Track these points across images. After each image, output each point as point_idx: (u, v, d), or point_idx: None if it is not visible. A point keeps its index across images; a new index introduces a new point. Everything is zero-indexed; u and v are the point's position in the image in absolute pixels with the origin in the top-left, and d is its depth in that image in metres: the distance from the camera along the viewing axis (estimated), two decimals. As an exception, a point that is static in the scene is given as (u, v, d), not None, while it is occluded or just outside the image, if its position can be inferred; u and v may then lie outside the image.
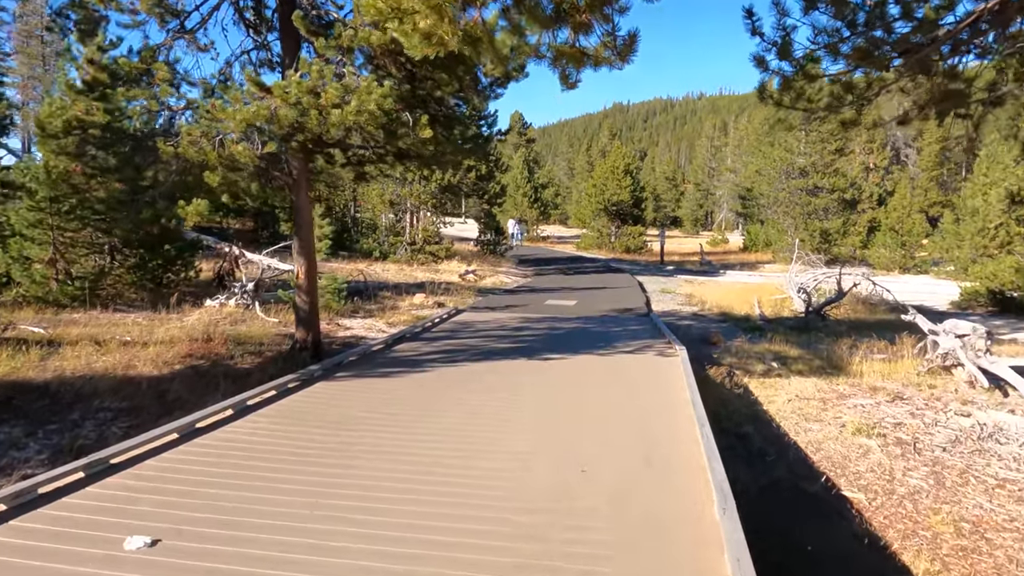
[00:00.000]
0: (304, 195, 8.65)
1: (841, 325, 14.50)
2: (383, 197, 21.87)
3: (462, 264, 22.85)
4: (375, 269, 20.71)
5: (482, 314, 13.53)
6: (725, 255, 37.98)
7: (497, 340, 10.16)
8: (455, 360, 8.50)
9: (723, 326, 13.71)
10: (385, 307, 14.05)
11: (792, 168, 28.61)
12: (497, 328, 11.53)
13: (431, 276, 20.33)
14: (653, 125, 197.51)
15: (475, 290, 17.99)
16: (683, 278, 25.03)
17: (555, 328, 11.69)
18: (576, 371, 8.05)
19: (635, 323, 12.71)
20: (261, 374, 8.29)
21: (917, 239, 26.50)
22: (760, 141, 69.52)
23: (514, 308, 14.66)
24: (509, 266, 26.69)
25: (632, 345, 9.98)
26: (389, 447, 5.04)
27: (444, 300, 15.40)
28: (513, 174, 49.65)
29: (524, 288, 19.55)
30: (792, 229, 28.87)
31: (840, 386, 9.14)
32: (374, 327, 12.16)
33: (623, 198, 36.31)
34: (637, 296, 17.76)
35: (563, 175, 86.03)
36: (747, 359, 10.65)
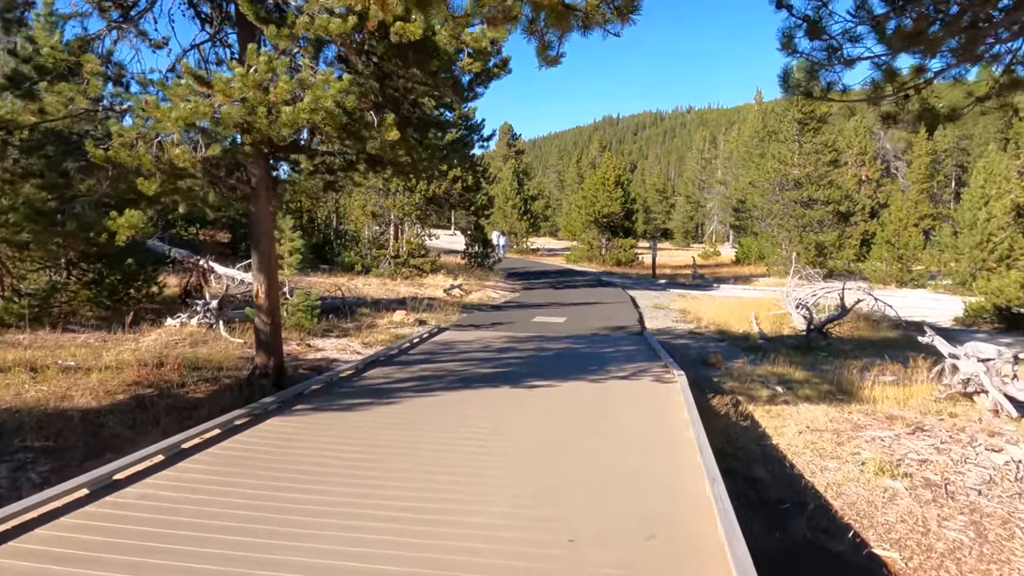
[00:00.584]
0: (264, 205, 7.80)
1: (844, 344, 13.78)
2: (365, 208, 21.04)
3: (448, 278, 22.02)
4: (356, 284, 19.83)
5: (465, 333, 12.70)
6: (718, 268, 37.37)
7: (479, 364, 9.31)
8: (430, 388, 7.65)
9: (721, 345, 12.93)
10: (362, 325, 13.18)
11: (786, 180, 28.05)
12: (480, 349, 10.69)
13: (415, 291, 19.48)
14: (643, 138, 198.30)
15: (460, 306, 17.15)
16: (676, 292, 24.31)
17: (543, 349, 10.87)
18: (564, 402, 7.21)
19: (628, 343, 11.91)
20: (212, 405, 7.40)
21: (914, 252, 25.94)
22: (750, 153, 69.46)
23: (500, 326, 13.83)
24: (497, 280, 25.88)
25: (626, 369, 9.17)
26: (334, 509, 4.18)
27: (426, 317, 14.55)
28: (502, 186, 49.00)
29: (512, 304, 18.74)
30: (786, 242, 28.27)
31: (853, 414, 8.36)
32: (348, 348, 11.29)
33: (614, 210, 35.66)
34: (629, 312, 16.98)
35: (553, 187, 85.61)
36: (750, 383, 9.86)
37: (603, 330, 13.59)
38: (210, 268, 14.16)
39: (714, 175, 79.82)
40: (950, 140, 64.30)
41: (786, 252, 28.24)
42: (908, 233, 26.07)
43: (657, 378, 8.55)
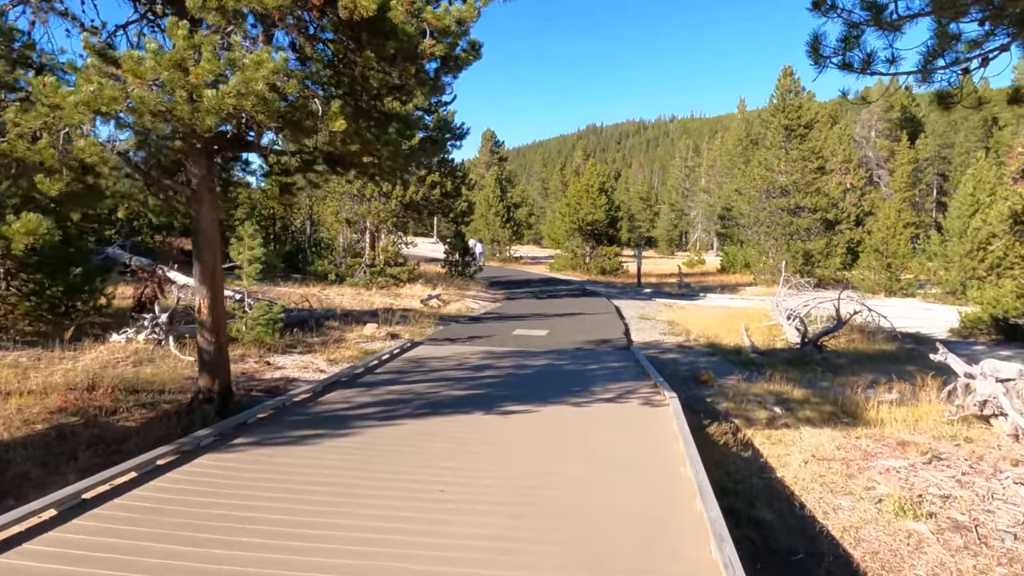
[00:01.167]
0: (207, 210, 6.92)
1: (841, 358, 13.10)
2: (339, 215, 20.13)
3: (426, 288, 21.15)
4: (328, 294, 18.91)
5: (440, 348, 11.85)
6: (703, 277, 36.83)
7: (451, 385, 8.47)
8: (394, 416, 6.79)
9: (713, 360, 12.20)
10: (330, 340, 12.28)
11: (773, 187, 27.56)
12: (455, 367, 9.85)
13: (390, 302, 18.59)
14: (626, 147, 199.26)
15: (437, 318, 16.29)
16: (662, 302, 23.62)
17: (522, 366, 10.05)
18: (543, 433, 6.39)
19: (614, 358, 11.13)
20: (145, 436, 6.49)
21: (903, 261, 25.51)
22: (734, 162, 69.54)
23: (478, 340, 13.00)
24: (478, 289, 25.04)
25: (612, 389, 8.38)
26: (260, 573, 3.33)
27: (399, 330, 13.67)
28: (485, 193, 48.28)
29: (492, 315, 17.91)
30: (773, 250, 27.75)
31: (861, 440, 7.63)
32: (311, 365, 10.39)
33: (598, 217, 35.01)
34: (615, 324, 16.22)
35: (537, 195, 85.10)
36: (746, 404, 9.10)
37: (587, 344, 12.81)
38: (166, 278, 13.20)
39: (698, 183, 79.80)
40: (932, 148, 64.66)
41: (773, 261, 27.71)
42: (897, 241, 25.64)
43: (646, 401, 7.77)
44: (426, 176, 19.94)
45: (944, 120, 66.47)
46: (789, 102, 27.57)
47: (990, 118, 63.51)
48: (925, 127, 69.04)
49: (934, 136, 65.61)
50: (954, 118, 65.57)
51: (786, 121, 27.53)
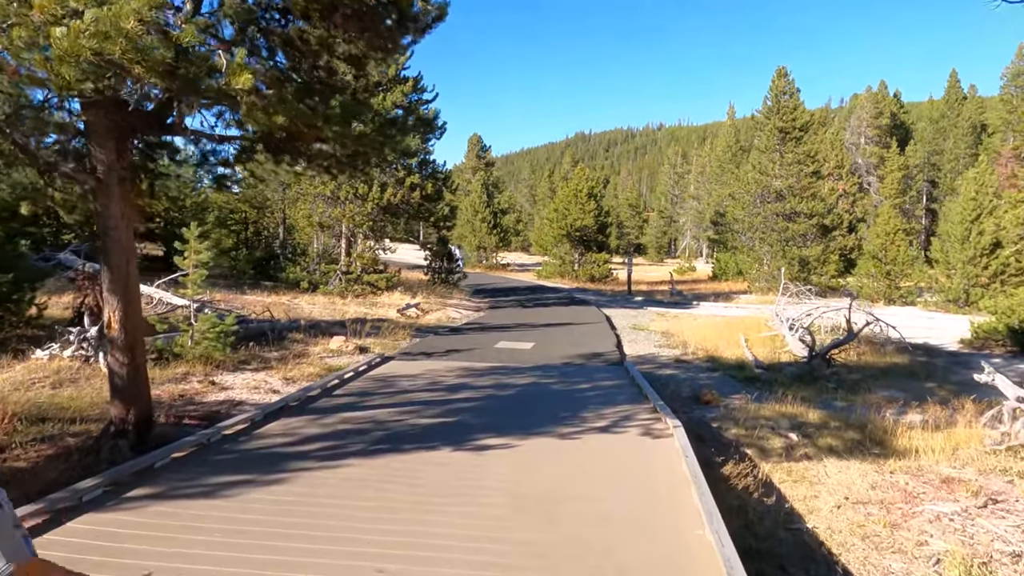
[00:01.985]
0: (117, 204, 5.71)
1: (852, 372, 12.04)
2: (311, 219, 18.88)
3: (405, 296, 19.93)
4: (299, 303, 17.64)
5: (413, 363, 10.65)
6: (695, 284, 35.85)
7: (419, 410, 7.27)
8: (343, 453, 5.60)
9: (714, 376, 11.08)
10: (291, 355, 11.04)
11: (768, 191, 26.62)
12: (426, 387, 8.66)
13: (365, 311, 17.36)
14: (614, 154, 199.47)
15: (414, 329, 15.08)
16: (654, 311, 22.55)
17: (503, 386, 8.87)
18: (524, 475, 5.21)
19: (607, 375, 9.98)
20: (34, 481, 5.25)
21: (902, 268, 24.60)
22: (723, 168, 68.94)
23: (456, 354, 11.80)
24: (461, 297, 23.84)
25: (606, 415, 7.22)
26: None
27: (370, 343, 12.46)
28: (471, 198, 47.18)
29: (474, 325, 16.72)
30: (768, 257, 26.79)
31: (897, 476, 6.51)
32: (264, 385, 9.15)
33: (587, 223, 33.96)
34: (606, 335, 15.08)
35: (525, 202, 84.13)
36: (757, 429, 7.97)
37: (577, 358, 11.65)
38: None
39: (687, 190, 79.20)
40: (921, 155, 64.34)
41: (768, 267, 26.76)
42: (896, 248, 24.75)
43: (646, 430, 6.61)
44: (405, 178, 18.77)
45: (933, 127, 66.28)
46: (784, 104, 26.68)
47: (979, 124, 63.29)
48: (914, 134, 68.80)
49: (923, 143, 65.30)
50: (943, 125, 65.45)
51: (781, 123, 26.62)
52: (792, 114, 26.50)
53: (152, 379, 8.84)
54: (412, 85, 19.03)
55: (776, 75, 27.12)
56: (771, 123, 26.95)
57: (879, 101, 65.93)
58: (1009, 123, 58.91)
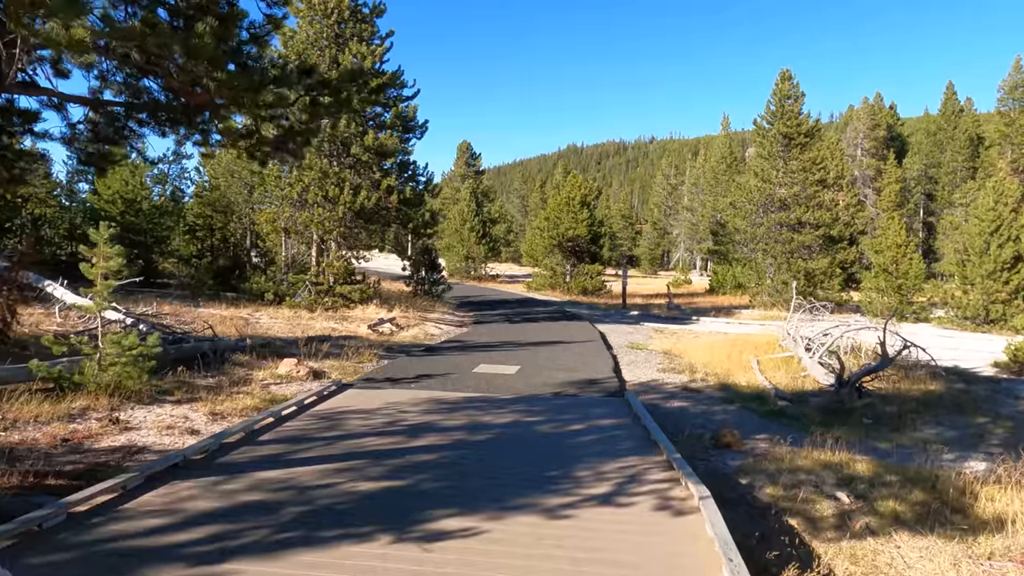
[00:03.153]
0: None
1: (888, 403, 10.40)
2: (276, 224, 17.13)
3: (381, 310, 18.19)
4: (260, 317, 15.86)
5: (373, 394, 8.91)
6: (692, 298, 34.27)
7: (361, 467, 5.55)
8: (230, 551, 3.86)
9: (731, 410, 9.40)
10: (228, 382, 9.28)
11: (771, 200, 25.11)
12: (380, 429, 6.94)
13: (334, 327, 15.60)
14: (606, 167, 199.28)
15: (384, 348, 13.33)
16: (652, 327, 20.91)
17: (478, 427, 7.15)
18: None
19: (605, 411, 8.27)
20: None
21: (914, 282, 23.09)
22: (718, 179, 67.76)
23: (427, 381, 10.07)
24: (444, 311, 22.11)
25: (606, 475, 5.53)
26: None
27: (329, 367, 10.71)
28: (460, 207, 45.57)
29: (454, 344, 14.99)
30: (772, 269, 25.24)
31: (997, 561, 4.85)
32: (183, 423, 7.39)
33: (579, 232, 32.36)
34: (601, 356, 13.39)
35: (517, 212, 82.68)
36: (797, 487, 6.28)
37: (568, 386, 9.94)
38: (25, 291, 10.13)
39: (680, 201, 77.97)
40: (918, 167, 63.35)
41: (772, 280, 25.20)
42: (908, 261, 23.25)
43: (662, 500, 4.92)
44: (381, 180, 17.07)
45: (930, 140, 65.35)
46: (788, 108, 25.26)
47: (976, 137, 62.39)
48: (910, 147, 67.88)
49: (920, 155, 64.32)
50: (940, 138, 64.53)
51: (785, 128, 25.15)
52: (797, 119, 25.06)
53: (36, 417, 7.09)
54: (390, 79, 17.41)
55: (779, 78, 25.70)
56: (774, 128, 25.48)
57: (875, 113, 65.00)
58: (1007, 136, 58.01)
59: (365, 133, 16.85)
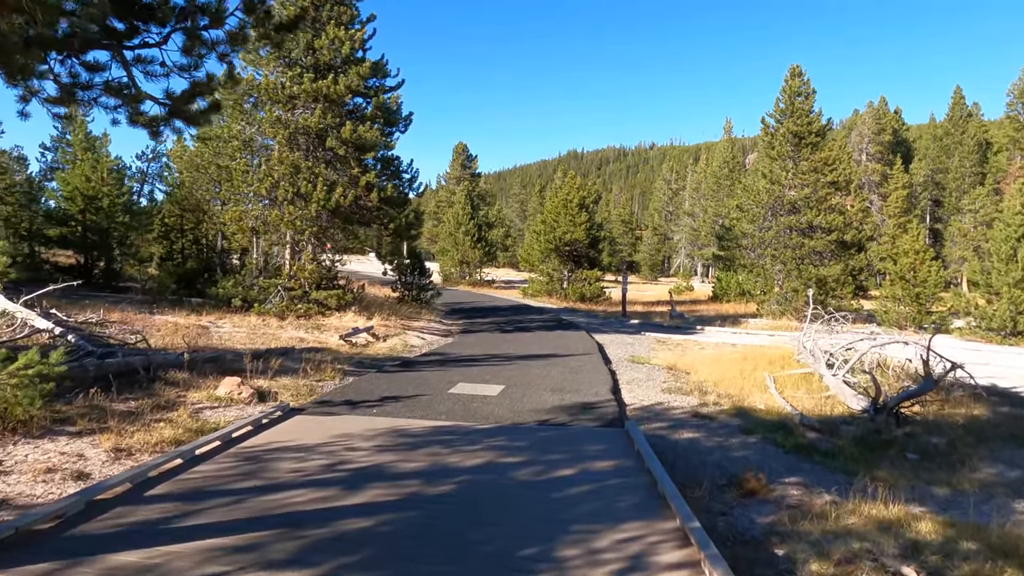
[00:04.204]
0: None
1: (932, 432, 8.91)
2: (242, 223, 15.66)
3: (360, 317, 16.71)
4: (223, 325, 14.38)
5: (322, 423, 7.44)
6: (695, 305, 32.79)
7: (262, 548, 4.06)
8: None
9: (751, 442, 7.90)
10: (151, 407, 7.78)
11: (780, 202, 23.65)
12: (312, 478, 5.45)
13: (303, 336, 14.12)
14: (607, 173, 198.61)
15: (354, 362, 11.85)
16: (654, 336, 19.43)
17: (437, 476, 5.66)
18: None
19: (600, 447, 6.78)
20: None
21: (933, 290, 21.63)
22: (720, 186, 66.41)
23: (392, 404, 8.59)
24: (431, 319, 20.63)
25: (602, 555, 4.05)
26: None
27: (281, 386, 9.23)
28: (455, 210, 44.16)
29: (434, 357, 13.50)
30: (781, 276, 23.77)
31: None
32: (71, 464, 5.91)
33: (577, 236, 30.90)
34: (598, 373, 11.91)
35: (516, 217, 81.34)
36: (851, 560, 4.78)
37: (559, 412, 8.45)
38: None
39: (681, 206, 76.63)
40: (924, 173, 61.99)
41: (781, 288, 23.73)
42: (926, 268, 21.79)
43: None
44: (359, 176, 15.60)
45: (937, 144, 64.00)
46: (798, 105, 23.83)
47: (984, 142, 61.02)
48: (917, 151, 66.51)
49: (926, 160, 62.95)
50: (947, 143, 63.14)
51: (795, 127, 23.70)
52: (808, 117, 23.63)
53: None
54: (370, 67, 15.96)
55: (789, 74, 24.28)
56: (784, 127, 24.04)
57: (881, 117, 63.65)
58: (1016, 141, 56.67)
59: (342, 125, 15.39)
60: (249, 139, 15.50)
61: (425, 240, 62.65)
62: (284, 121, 15.34)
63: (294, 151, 15.45)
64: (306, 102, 15.54)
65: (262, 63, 15.93)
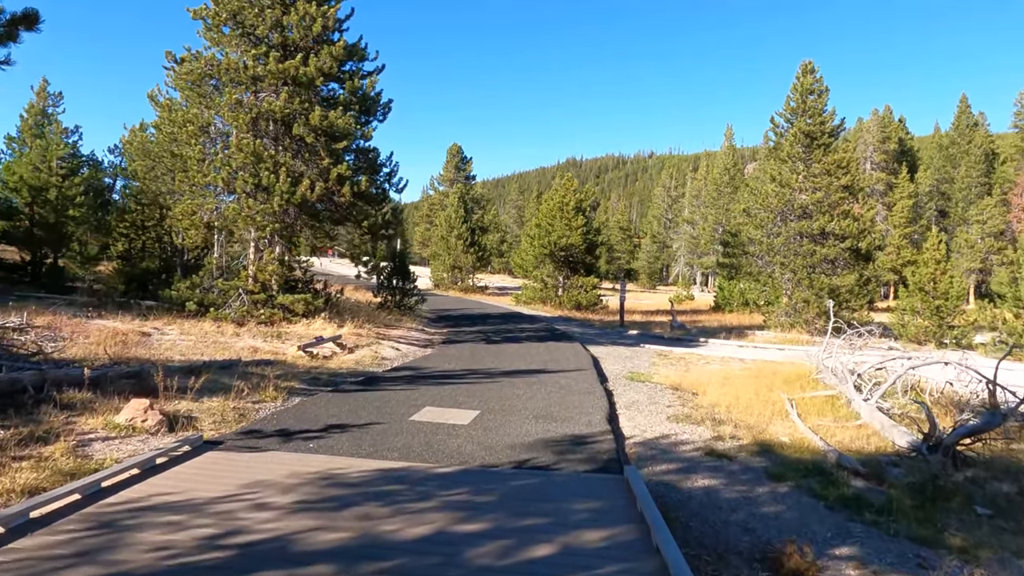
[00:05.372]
0: None
1: (1005, 480, 7.28)
2: (195, 217, 14.01)
3: (331, 324, 15.07)
4: (169, 332, 12.72)
5: (235, 464, 5.80)
6: (696, 315, 31.19)
7: None
8: None
9: (782, 493, 6.27)
10: (25, 436, 6.13)
11: (791, 207, 22.09)
12: (181, 558, 3.82)
13: (259, 346, 12.48)
14: (605, 181, 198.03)
15: (307, 378, 10.21)
16: (654, 349, 17.83)
17: (366, 551, 4.04)
18: None
19: (592, 509, 5.13)
20: None
21: (955, 303, 20.06)
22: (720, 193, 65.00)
23: (335, 436, 6.95)
24: (413, 326, 18.99)
25: None
26: None
27: (204, 409, 7.59)
28: (447, 213, 42.57)
29: (405, 372, 11.85)
30: (791, 285, 22.19)
31: None
32: None
33: (573, 241, 29.30)
34: (592, 394, 10.28)
35: (513, 223, 79.81)
36: None
37: (541, 449, 6.82)
38: None
39: (681, 214, 75.23)
40: (929, 182, 60.59)
41: (791, 298, 22.14)
42: (948, 279, 20.23)
43: None
44: (330, 167, 13.98)
45: (942, 154, 62.66)
46: (811, 103, 22.32)
47: (991, 152, 59.64)
48: (922, 161, 65.11)
49: (932, 170, 61.56)
50: (953, 152, 61.77)
51: (807, 126, 22.18)
52: (821, 116, 22.12)
53: None
54: (344, 48, 14.38)
55: (801, 71, 22.78)
56: (795, 126, 22.52)
57: (886, 125, 62.25)
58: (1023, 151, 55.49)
59: (311, 110, 13.79)
60: (207, 124, 13.88)
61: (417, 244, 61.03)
62: (246, 105, 13.74)
63: (257, 138, 13.83)
64: (272, 84, 13.95)
65: (224, 41, 14.33)
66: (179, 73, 13.87)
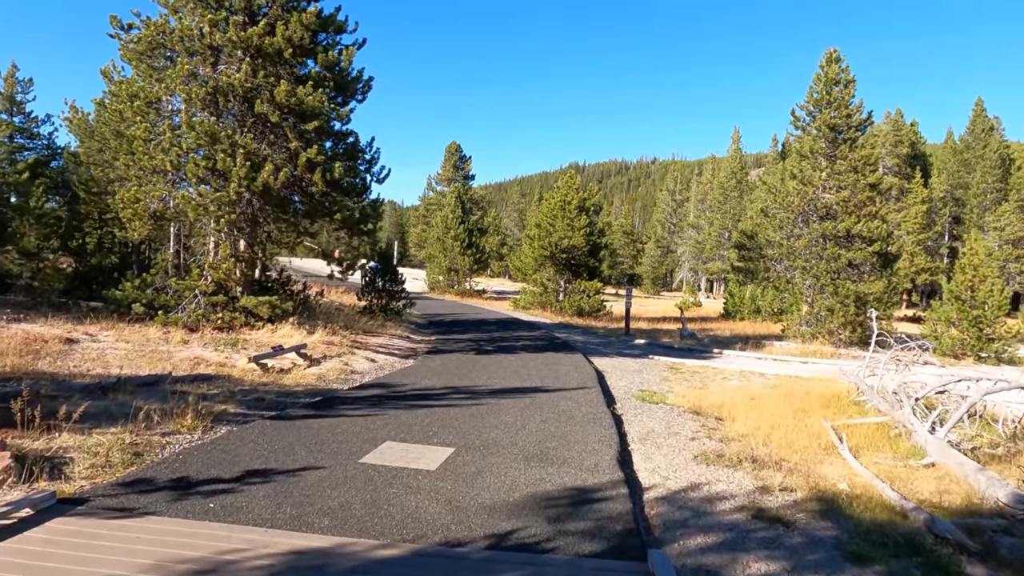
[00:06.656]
0: None
1: None
2: (138, 206, 12.16)
3: (299, 331, 13.25)
4: (102, 338, 10.91)
5: (96, 537, 3.98)
6: (705, 323, 29.34)
7: None
8: None
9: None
10: None
11: (813, 207, 20.26)
12: None
13: (207, 357, 10.65)
14: (608, 186, 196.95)
15: (249, 399, 8.37)
16: (665, 362, 15.99)
17: None
18: None
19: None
20: None
21: (996, 313, 18.22)
22: (726, 197, 63.23)
23: (253, 488, 5.13)
24: (397, 333, 17.16)
25: None
26: None
27: (84, 445, 5.77)
28: (444, 213, 40.79)
29: (374, 390, 10.01)
30: (813, 292, 20.35)
31: None
32: None
33: (576, 242, 27.49)
34: (598, 422, 8.43)
35: (515, 227, 78.09)
36: None
37: (530, 513, 4.99)
38: None
39: (686, 219, 73.54)
40: (943, 187, 58.73)
41: (812, 306, 20.29)
42: (988, 288, 18.39)
43: None
44: (298, 151, 12.17)
45: (957, 159, 60.83)
46: (836, 94, 20.52)
47: (1007, 157, 57.81)
48: (935, 166, 63.24)
49: (946, 175, 59.67)
50: (967, 157, 59.95)
51: (832, 119, 20.36)
52: (847, 108, 20.32)
53: None
54: (317, 16, 12.61)
55: (825, 60, 20.98)
56: (819, 119, 20.71)
57: (899, 128, 60.43)
58: (1040, 156, 53.67)
59: (276, 84, 12.03)
60: (156, 99, 12.10)
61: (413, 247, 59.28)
62: (202, 78, 11.98)
63: (209, 115, 12.07)
64: (233, 55, 12.20)
65: (179, 5, 12.56)
66: (127, 41, 12.12)
